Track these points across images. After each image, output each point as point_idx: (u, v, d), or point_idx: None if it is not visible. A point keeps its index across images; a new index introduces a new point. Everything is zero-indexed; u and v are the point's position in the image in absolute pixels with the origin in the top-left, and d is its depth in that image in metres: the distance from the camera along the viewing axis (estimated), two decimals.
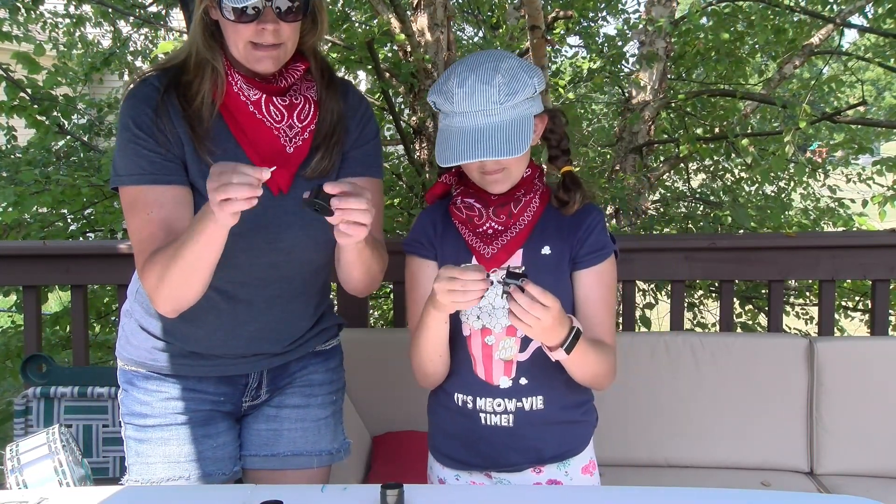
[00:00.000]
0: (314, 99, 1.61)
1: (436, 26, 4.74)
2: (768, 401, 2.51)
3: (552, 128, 1.59)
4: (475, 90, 1.44)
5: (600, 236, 1.57)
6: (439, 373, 1.58)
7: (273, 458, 1.73)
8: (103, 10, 5.97)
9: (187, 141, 1.53)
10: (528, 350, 1.55)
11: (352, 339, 2.57)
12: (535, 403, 1.56)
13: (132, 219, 1.54)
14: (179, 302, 1.51)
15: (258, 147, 1.55)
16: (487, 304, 1.53)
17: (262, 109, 1.55)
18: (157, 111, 1.52)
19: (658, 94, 5.61)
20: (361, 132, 1.66)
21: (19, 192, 3.89)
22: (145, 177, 1.51)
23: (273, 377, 1.73)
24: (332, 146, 1.60)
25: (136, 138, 1.51)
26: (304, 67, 1.60)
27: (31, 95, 4.26)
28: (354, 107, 1.67)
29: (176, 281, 1.46)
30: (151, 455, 1.65)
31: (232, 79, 1.54)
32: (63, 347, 4.07)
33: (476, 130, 1.44)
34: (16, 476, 1.51)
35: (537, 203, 1.57)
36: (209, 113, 1.53)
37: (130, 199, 1.54)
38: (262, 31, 1.47)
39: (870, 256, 2.71)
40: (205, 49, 1.53)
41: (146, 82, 1.56)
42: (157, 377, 1.66)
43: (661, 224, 5.83)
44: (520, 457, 1.59)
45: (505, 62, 1.47)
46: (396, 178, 5.25)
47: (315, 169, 1.59)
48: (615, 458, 2.45)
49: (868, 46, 7.38)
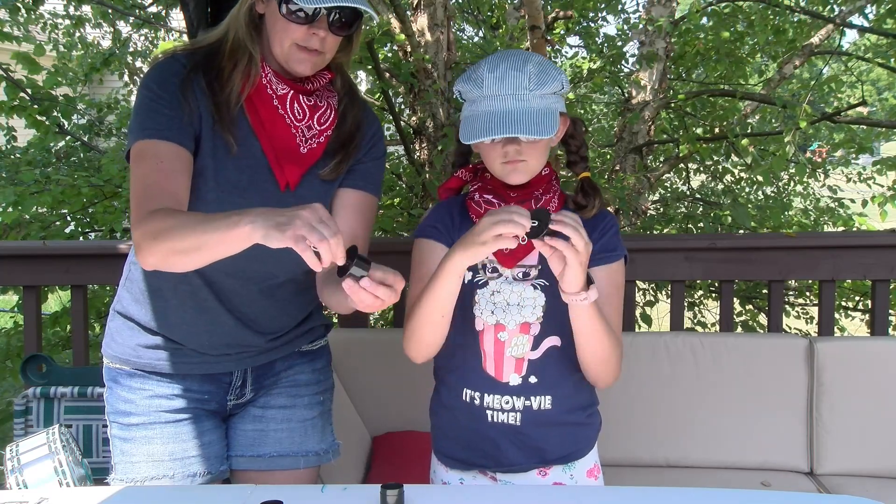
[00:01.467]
0: (335, 107, 1.65)
1: (436, 26, 4.74)
2: (768, 401, 2.51)
3: (573, 133, 1.62)
4: (507, 75, 1.47)
5: (613, 239, 1.58)
6: (437, 341, 1.55)
7: (259, 459, 1.73)
8: (103, 10, 5.97)
9: (206, 118, 1.54)
10: (539, 349, 1.55)
11: (352, 339, 2.58)
12: (544, 403, 1.56)
13: (140, 166, 1.50)
14: (166, 266, 1.45)
15: (273, 141, 1.57)
16: (502, 299, 1.54)
17: (287, 105, 1.58)
18: (183, 82, 1.54)
19: (658, 94, 5.61)
20: (370, 150, 1.70)
21: (19, 192, 3.89)
22: (162, 132, 1.50)
23: (257, 376, 1.73)
24: (349, 153, 1.64)
25: (159, 98, 1.52)
26: (330, 77, 1.64)
27: (31, 95, 4.26)
28: (369, 124, 1.70)
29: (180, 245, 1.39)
30: (135, 454, 1.65)
31: (264, 71, 1.57)
32: (63, 347, 4.07)
33: (505, 112, 1.46)
34: (16, 476, 1.51)
35: (556, 203, 1.58)
36: (237, 100, 1.55)
37: (140, 150, 1.51)
38: (311, 36, 1.51)
39: (870, 256, 2.70)
40: (247, 39, 1.55)
41: (173, 58, 1.57)
42: (141, 375, 1.66)
43: (661, 224, 5.83)
44: (523, 457, 1.58)
45: (535, 57, 1.52)
46: (396, 178, 5.25)
47: (332, 171, 1.63)
48: (615, 458, 2.45)
49: (868, 46, 7.39)
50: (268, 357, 1.72)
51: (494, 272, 1.56)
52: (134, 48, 6.89)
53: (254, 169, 1.57)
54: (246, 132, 1.57)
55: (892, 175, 4.99)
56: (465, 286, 1.55)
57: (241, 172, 1.56)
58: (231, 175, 1.56)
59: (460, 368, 1.59)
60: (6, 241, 3.82)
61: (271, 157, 1.57)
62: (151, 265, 1.45)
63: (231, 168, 1.56)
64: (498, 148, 1.51)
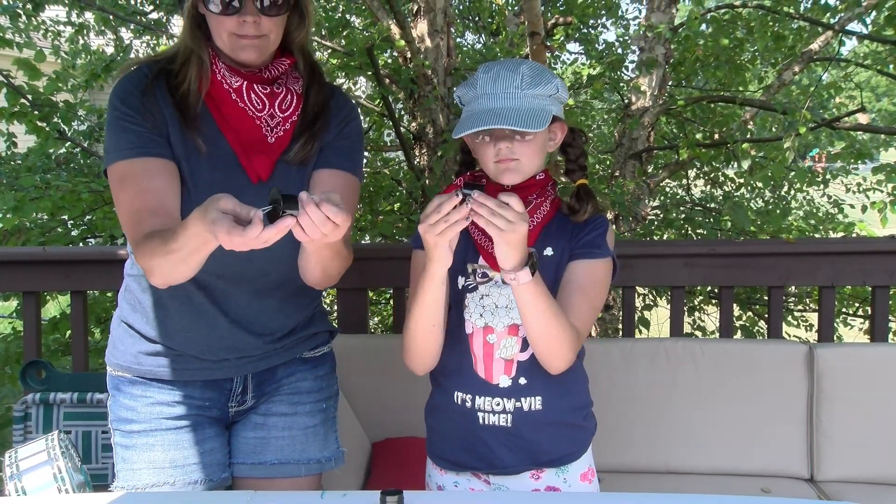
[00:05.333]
0: (298, 92, 1.65)
1: (436, 32, 4.75)
2: (768, 407, 2.51)
3: (571, 142, 1.65)
4: (499, 75, 1.51)
5: (598, 238, 1.58)
6: (433, 350, 1.57)
7: (260, 466, 1.73)
8: (105, 17, 5.98)
9: (173, 122, 1.57)
10: (528, 350, 1.56)
11: (351, 344, 2.58)
12: (534, 404, 1.57)
13: (122, 193, 1.55)
14: (170, 281, 1.52)
15: (239, 135, 1.59)
16: (491, 302, 1.56)
17: (244, 97, 1.60)
18: (144, 92, 1.57)
19: (658, 100, 5.62)
20: (342, 129, 1.69)
21: (19, 197, 3.89)
22: (133, 150, 1.54)
23: (259, 382, 1.73)
24: (314, 134, 1.64)
25: (124, 115, 1.56)
26: (290, 62, 1.65)
27: (32, 101, 4.27)
28: (339, 106, 1.71)
29: (167, 267, 1.47)
30: (137, 461, 1.65)
31: (216, 67, 1.59)
32: (62, 353, 4.06)
33: (494, 108, 1.49)
34: (15, 482, 1.50)
35: (547, 208, 1.60)
36: (196, 100, 1.58)
37: (119, 175, 1.56)
38: (242, 24, 1.54)
39: (869, 262, 2.70)
40: (191, 41, 1.59)
41: (136, 70, 1.62)
42: (142, 382, 1.66)
43: (661, 229, 5.84)
44: (516, 458, 1.59)
45: (531, 63, 1.56)
46: (396, 184, 5.26)
47: (297, 155, 1.62)
48: (614, 464, 2.45)
49: (867, 53, 7.40)
50: (269, 362, 1.72)
51: (484, 276, 1.57)
52: (135, 55, 6.90)
53: (226, 166, 1.58)
54: (213, 130, 1.59)
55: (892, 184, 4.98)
56: (457, 291, 1.58)
57: (215, 170, 1.58)
58: (205, 175, 1.57)
59: (452, 371, 1.60)
60: (6, 247, 3.83)
61: (239, 152, 1.59)
62: (161, 285, 1.53)
63: (205, 168, 1.58)
64: (491, 147, 1.53)
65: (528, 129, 1.46)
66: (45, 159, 4.87)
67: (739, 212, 4.63)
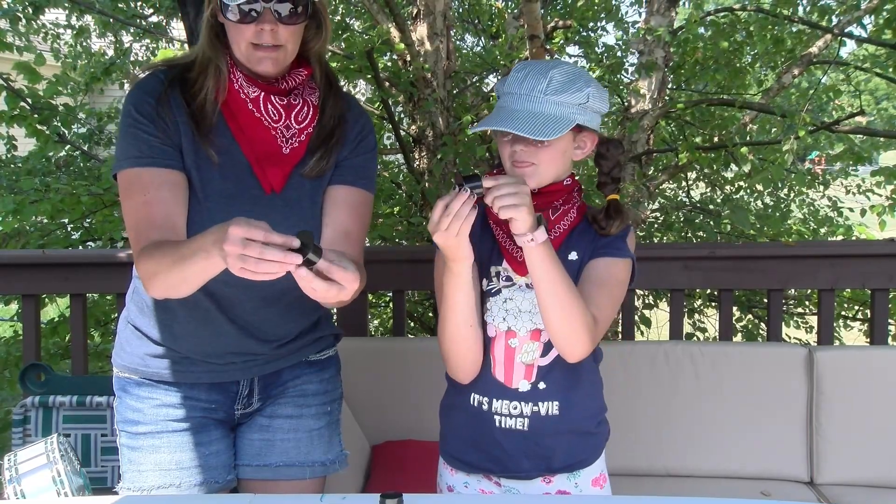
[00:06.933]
0: (315, 104, 1.65)
1: (435, 35, 4.76)
2: (768, 410, 2.50)
3: (605, 154, 1.60)
4: (528, 76, 1.49)
5: (618, 240, 1.57)
6: (474, 351, 1.55)
7: (265, 469, 1.73)
8: (105, 20, 6.00)
9: (186, 132, 1.56)
10: (548, 355, 1.55)
11: (351, 347, 2.57)
12: (551, 409, 1.56)
13: (128, 201, 1.55)
14: (170, 295, 1.53)
15: (254, 145, 1.59)
16: (514, 306, 1.55)
17: (261, 108, 1.59)
18: (159, 100, 1.56)
19: (657, 103, 5.62)
20: (358, 144, 1.68)
21: (19, 200, 3.90)
22: (143, 159, 1.54)
23: (265, 385, 1.73)
24: (330, 148, 1.63)
25: (137, 123, 1.55)
26: (307, 73, 1.64)
27: (32, 105, 4.27)
28: (355, 118, 1.70)
29: (171, 282, 1.47)
30: (143, 462, 1.65)
31: (234, 76, 1.59)
32: (62, 356, 4.06)
33: (515, 109, 1.48)
34: (14, 486, 1.50)
35: (574, 215, 1.58)
36: (212, 109, 1.57)
37: (127, 182, 1.56)
38: (260, 32, 1.53)
39: (869, 266, 2.70)
40: (210, 49, 1.59)
41: (153, 75, 1.61)
42: (148, 384, 1.66)
43: (661, 232, 5.83)
44: (531, 463, 1.58)
45: (568, 67, 1.52)
46: (396, 187, 5.26)
47: (313, 169, 1.62)
48: (614, 467, 2.41)
49: (866, 56, 7.41)
50: (275, 366, 1.72)
51: (508, 280, 1.56)
52: (135, 58, 6.91)
53: (238, 176, 1.58)
54: (228, 140, 1.58)
55: (891, 186, 4.99)
56: (480, 294, 1.56)
57: (227, 181, 1.57)
58: (217, 184, 1.57)
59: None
60: (5, 250, 3.83)
61: (253, 162, 1.58)
62: (159, 297, 1.54)
63: (217, 177, 1.57)
64: (508, 147, 1.52)
65: (537, 136, 1.44)
66: (44, 162, 4.87)
67: (740, 213, 4.63)
